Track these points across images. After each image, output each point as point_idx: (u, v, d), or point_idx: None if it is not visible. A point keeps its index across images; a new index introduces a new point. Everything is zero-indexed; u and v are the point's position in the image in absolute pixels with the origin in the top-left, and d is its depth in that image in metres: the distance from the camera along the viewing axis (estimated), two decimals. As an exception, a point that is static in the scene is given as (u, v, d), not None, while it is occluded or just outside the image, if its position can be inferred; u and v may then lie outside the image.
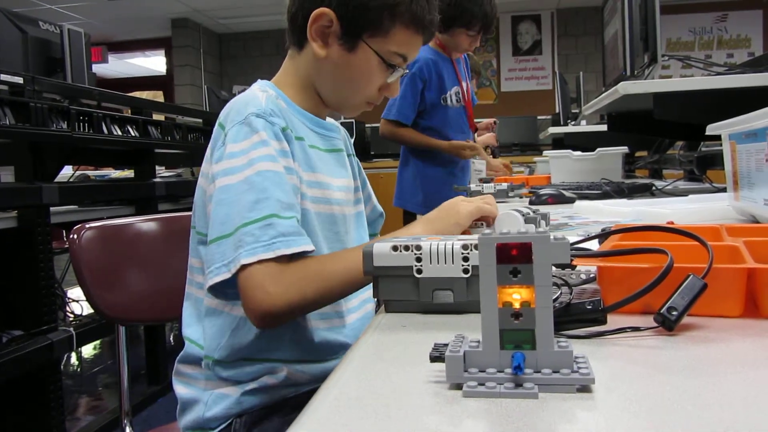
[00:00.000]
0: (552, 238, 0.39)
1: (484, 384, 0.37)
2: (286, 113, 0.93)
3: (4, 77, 1.91)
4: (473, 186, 1.78)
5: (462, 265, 0.57)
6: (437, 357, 0.40)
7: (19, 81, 1.96)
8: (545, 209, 1.05)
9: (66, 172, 2.66)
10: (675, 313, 0.47)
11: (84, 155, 2.54)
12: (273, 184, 0.82)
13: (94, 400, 2.71)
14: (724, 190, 1.17)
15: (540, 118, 6.21)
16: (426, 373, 0.41)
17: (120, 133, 2.42)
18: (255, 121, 0.86)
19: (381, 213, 1.19)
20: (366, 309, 1.02)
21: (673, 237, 0.61)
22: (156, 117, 2.79)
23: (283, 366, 0.89)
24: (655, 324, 0.47)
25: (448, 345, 0.40)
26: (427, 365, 0.41)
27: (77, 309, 2.68)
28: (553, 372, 0.37)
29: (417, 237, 0.62)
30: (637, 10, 1.75)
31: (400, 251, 0.58)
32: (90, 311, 2.43)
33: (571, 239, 0.58)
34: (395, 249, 0.58)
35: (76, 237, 1.14)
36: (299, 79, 0.99)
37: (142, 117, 2.57)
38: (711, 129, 1.07)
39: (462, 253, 0.57)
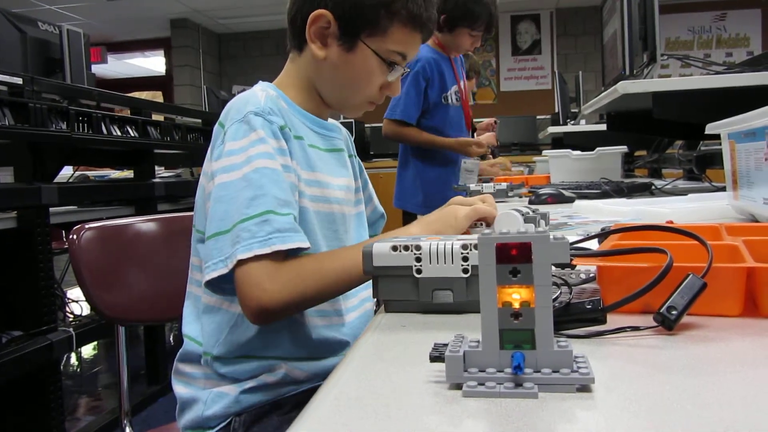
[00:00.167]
0: (551, 237, 0.39)
1: (483, 384, 0.37)
2: (285, 113, 0.93)
3: (3, 78, 1.91)
4: (473, 185, 1.78)
5: (462, 265, 0.57)
6: (437, 357, 0.40)
7: (19, 81, 1.96)
8: (545, 209, 1.05)
9: (65, 172, 2.66)
10: (674, 313, 0.47)
11: (83, 156, 2.54)
12: (270, 181, 0.82)
13: (93, 400, 2.71)
14: (723, 189, 1.17)
15: (539, 117, 6.22)
16: (426, 373, 0.41)
17: (119, 134, 2.41)
18: (253, 119, 0.86)
19: (382, 214, 1.19)
20: (365, 308, 1.02)
21: (673, 236, 0.61)
22: (155, 117, 2.79)
23: (282, 363, 0.90)
24: (655, 323, 0.47)
25: (447, 345, 0.40)
26: (427, 365, 0.41)
27: (77, 309, 2.69)
28: (553, 372, 0.37)
29: (416, 237, 0.62)
30: (636, 9, 1.75)
31: (399, 251, 0.58)
32: (89, 311, 2.44)
33: (571, 239, 0.58)
34: (395, 249, 0.58)
35: (75, 237, 1.15)
36: (300, 81, 1.00)
37: (141, 117, 2.57)
38: (710, 128, 1.07)
39: (461, 253, 0.57)
